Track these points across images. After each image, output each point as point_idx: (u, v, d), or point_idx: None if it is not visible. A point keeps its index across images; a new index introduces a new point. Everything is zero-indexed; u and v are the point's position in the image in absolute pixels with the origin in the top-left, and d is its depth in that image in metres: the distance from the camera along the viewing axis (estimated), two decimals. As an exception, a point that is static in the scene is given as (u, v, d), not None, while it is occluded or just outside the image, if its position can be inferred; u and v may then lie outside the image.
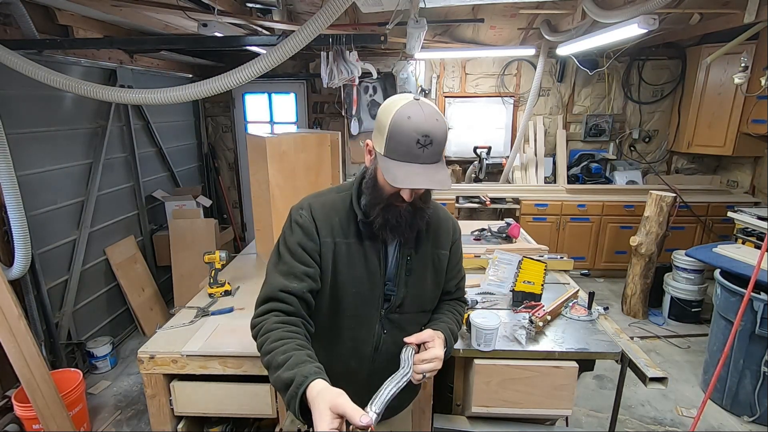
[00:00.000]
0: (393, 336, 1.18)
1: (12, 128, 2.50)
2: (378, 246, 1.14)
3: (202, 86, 2.05)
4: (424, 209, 1.11)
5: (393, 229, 1.08)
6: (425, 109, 0.99)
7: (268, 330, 1.03)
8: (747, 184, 4.55)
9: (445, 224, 1.25)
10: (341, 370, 1.17)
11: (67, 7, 2.67)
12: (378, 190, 1.07)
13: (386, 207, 1.06)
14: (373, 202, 1.08)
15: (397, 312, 1.18)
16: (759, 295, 2.37)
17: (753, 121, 3.94)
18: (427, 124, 0.97)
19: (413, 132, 0.96)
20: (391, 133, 0.98)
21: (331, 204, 1.15)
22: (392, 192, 1.05)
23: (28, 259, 2.46)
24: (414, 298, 1.19)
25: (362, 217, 1.12)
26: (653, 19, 2.55)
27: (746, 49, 3.52)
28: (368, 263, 1.13)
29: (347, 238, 1.13)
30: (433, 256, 1.21)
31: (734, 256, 2.74)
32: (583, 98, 4.93)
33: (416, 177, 0.98)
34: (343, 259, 1.12)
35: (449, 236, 1.25)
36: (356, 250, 1.13)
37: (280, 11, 2.90)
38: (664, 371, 1.66)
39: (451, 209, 4.58)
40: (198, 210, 3.99)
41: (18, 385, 2.32)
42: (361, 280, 1.13)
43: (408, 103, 0.99)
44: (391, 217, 1.06)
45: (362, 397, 1.11)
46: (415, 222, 1.10)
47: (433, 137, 0.98)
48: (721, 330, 2.70)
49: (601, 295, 4.26)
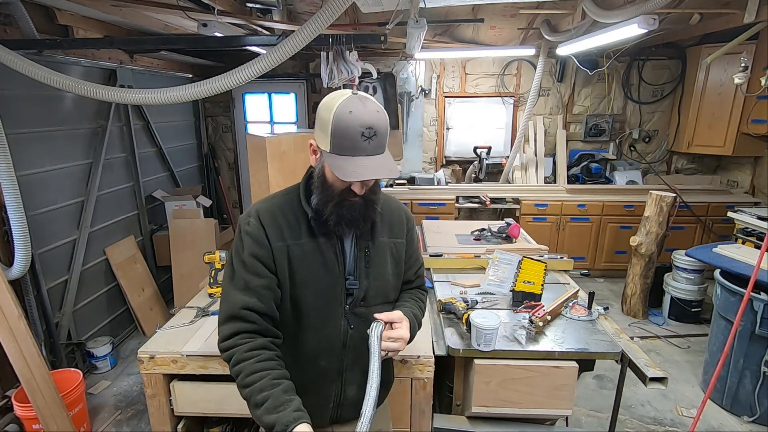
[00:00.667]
0: (360, 331, 1.17)
1: (12, 128, 2.50)
2: (333, 242, 1.14)
3: (202, 86, 2.05)
4: (375, 200, 1.12)
5: (348, 224, 1.09)
6: (365, 102, 1.01)
7: (239, 361, 1.04)
8: (747, 184, 4.55)
9: (397, 214, 1.27)
10: (312, 371, 1.17)
11: (67, 7, 2.67)
12: (328, 188, 1.07)
13: (338, 203, 1.07)
14: (324, 200, 1.08)
15: (362, 305, 1.18)
16: (759, 295, 2.37)
17: (753, 121, 3.94)
18: (370, 117, 0.99)
19: (357, 126, 0.98)
20: (334, 129, 0.99)
21: (278, 207, 1.14)
22: (343, 187, 1.06)
23: (28, 259, 2.46)
24: (377, 290, 1.19)
25: (313, 215, 1.12)
26: (653, 19, 2.55)
27: (746, 49, 3.52)
28: (325, 260, 1.13)
29: (299, 239, 1.12)
30: (390, 246, 1.23)
31: (734, 256, 2.74)
32: (583, 98, 4.94)
33: (365, 169, 0.99)
34: (298, 261, 1.11)
35: (403, 225, 1.27)
36: (311, 249, 1.12)
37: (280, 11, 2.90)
38: (664, 371, 1.66)
39: (452, 209, 4.59)
40: (198, 210, 3.99)
41: (18, 385, 2.32)
42: (320, 278, 1.13)
43: (347, 98, 1.00)
44: (345, 212, 1.07)
45: (336, 396, 1.19)
46: (369, 213, 1.11)
47: (377, 129, 1.00)
48: (721, 330, 2.70)
49: (601, 295, 4.26)
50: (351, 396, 1.21)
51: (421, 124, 5.11)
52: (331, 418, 1.22)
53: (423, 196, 4.64)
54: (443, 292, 2.20)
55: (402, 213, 1.29)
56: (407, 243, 1.28)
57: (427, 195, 4.65)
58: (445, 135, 5.16)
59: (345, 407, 1.22)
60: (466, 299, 2.03)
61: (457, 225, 3.41)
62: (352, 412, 1.21)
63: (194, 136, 5.06)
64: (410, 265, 1.31)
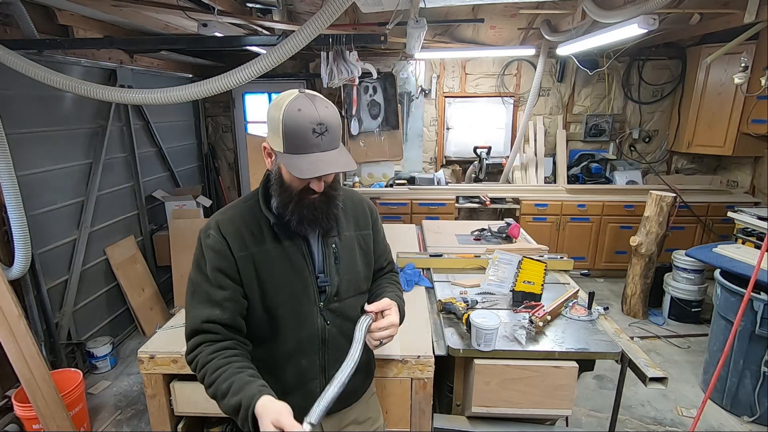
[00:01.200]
0: (338, 326, 1.19)
1: (12, 128, 2.50)
2: (299, 243, 1.14)
3: (202, 86, 2.05)
4: (335, 196, 1.12)
5: (311, 223, 1.09)
6: (313, 99, 1.01)
7: (204, 363, 1.04)
8: (747, 184, 4.55)
9: (360, 206, 1.28)
10: (293, 371, 1.17)
11: (67, 7, 2.67)
12: (286, 189, 1.06)
13: (298, 203, 1.06)
14: (284, 201, 1.07)
15: (335, 301, 1.18)
16: (759, 295, 2.37)
17: (753, 121, 3.94)
18: (319, 113, 0.99)
19: (307, 123, 0.98)
20: (285, 129, 0.98)
21: (239, 216, 1.13)
22: (301, 186, 1.05)
23: (28, 259, 2.46)
24: (349, 284, 1.20)
25: (275, 220, 1.10)
26: (653, 19, 2.55)
27: (746, 49, 3.52)
28: (292, 263, 1.13)
29: (264, 245, 1.11)
30: (357, 238, 1.24)
31: (734, 256, 2.74)
32: (583, 98, 4.94)
33: (321, 164, 0.99)
34: (265, 267, 1.10)
35: (368, 217, 1.28)
36: (277, 255, 1.11)
37: (280, 11, 2.90)
38: (664, 371, 1.66)
39: (452, 209, 4.59)
40: (198, 210, 3.99)
41: (18, 385, 2.32)
42: (289, 282, 1.12)
43: (295, 97, 1.01)
44: (306, 212, 1.07)
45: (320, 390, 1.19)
46: (330, 210, 1.11)
47: (328, 124, 1.00)
48: (721, 330, 2.70)
49: (601, 295, 4.26)
50: None
51: (421, 124, 5.11)
52: None
53: (423, 196, 4.64)
54: (443, 292, 2.20)
55: (365, 205, 1.30)
56: (374, 232, 1.29)
57: (427, 195, 4.65)
58: (445, 135, 5.16)
59: None
60: (466, 299, 2.03)
61: (457, 225, 3.41)
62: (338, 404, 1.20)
63: (194, 136, 5.06)
64: (380, 253, 1.33)
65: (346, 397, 1.22)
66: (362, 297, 1.27)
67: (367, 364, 1.33)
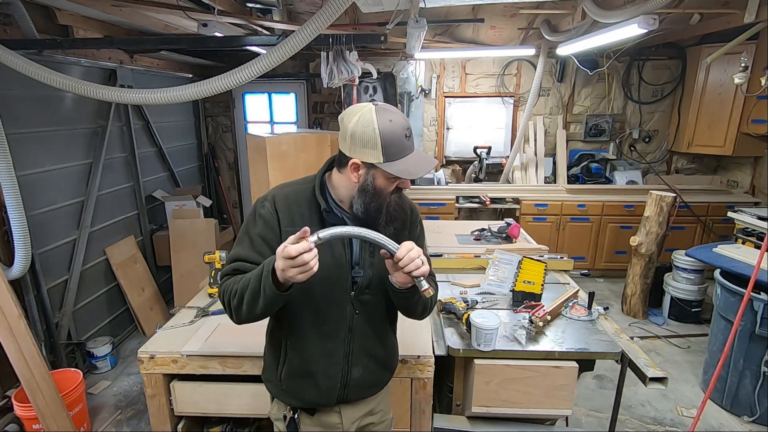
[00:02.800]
0: (365, 316, 1.25)
1: (12, 128, 2.50)
2: None
3: (202, 86, 2.05)
4: (402, 193, 1.22)
5: (394, 220, 1.17)
6: (390, 109, 1.12)
7: (229, 285, 1.16)
8: (747, 184, 4.55)
9: (406, 207, 1.32)
10: (319, 351, 1.24)
11: (67, 7, 2.67)
12: (379, 195, 1.14)
13: (389, 206, 1.16)
14: (377, 206, 1.14)
15: (366, 293, 1.24)
16: (759, 295, 2.37)
17: (753, 121, 3.94)
18: (404, 119, 1.12)
19: (400, 130, 1.09)
20: (385, 140, 1.07)
21: (294, 195, 1.22)
22: (392, 189, 1.15)
23: (28, 259, 2.46)
24: (380, 279, 1.23)
25: (325, 207, 1.18)
26: (653, 19, 2.55)
27: (746, 49, 3.52)
28: (333, 250, 1.19)
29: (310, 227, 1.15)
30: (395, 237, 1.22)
31: (734, 256, 2.74)
32: (583, 98, 4.93)
33: (422, 163, 1.12)
34: None
35: (407, 217, 1.31)
36: None
37: (280, 11, 2.90)
38: (664, 371, 1.66)
39: (452, 209, 4.59)
40: (198, 210, 3.99)
41: (18, 385, 2.32)
42: (327, 267, 1.16)
43: (376, 109, 1.09)
44: (393, 211, 1.16)
45: (343, 377, 1.27)
46: (404, 206, 1.23)
47: (410, 127, 1.13)
48: (721, 330, 2.70)
49: (601, 295, 4.26)
50: (356, 377, 1.28)
51: (421, 124, 5.11)
52: (338, 397, 1.28)
53: (423, 196, 4.64)
54: (443, 292, 2.20)
55: (407, 205, 1.33)
56: (410, 234, 1.31)
57: (427, 195, 4.65)
58: (445, 135, 5.16)
59: (351, 388, 1.28)
60: (466, 299, 2.03)
61: (457, 225, 3.41)
62: (358, 393, 1.31)
63: (194, 136, 5.06)
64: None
65: (368, 387, 1.34)
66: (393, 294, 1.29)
67: (388, 359, 1.37)
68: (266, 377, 1.35)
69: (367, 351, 1.28)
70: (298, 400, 1.29)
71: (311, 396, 1.27)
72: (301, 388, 1.27)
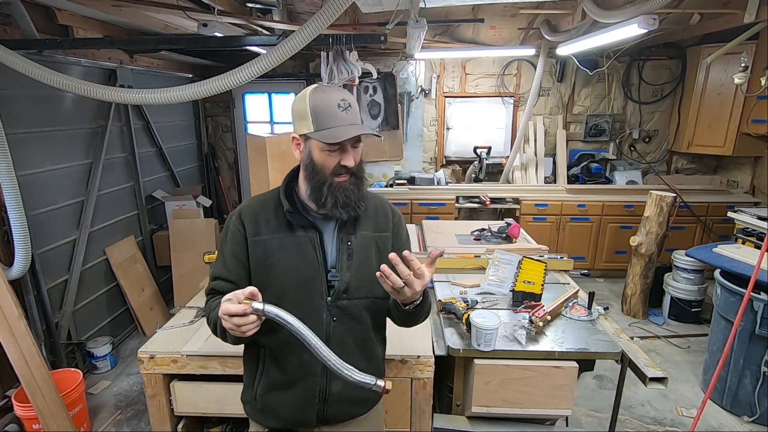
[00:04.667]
0: (344, 324, 1.19)
1: (12, 128, 2.50)
2: (312, 234, 1.18)
3: (202, 86, 2.05)
4: (363, 178, 1.18)
5: (345, 206, 1.13)
6: (331, 86, 1.14)
7: (208, 311, 1.18)
8: (747, 184, 4.55)
9: (382, 209, 1.29)
10: (296, 362, 1.19)
11: (67, 7, 2.67)
12: (318, 171, 1.12)
13: (332, 185, 1.12)
14: (317, 184, 1.12)
15: (344, 298, 1.18)
16: (759, 295, 2.37)
17: (753, 121, 3.94)
18: (339, 93, 1.11)
19: (333, 99, 1.09)
20: (314, 110, 1.09)
21: (260, 204, 1.21)
22: (333, 165, 1.11)
23: (28, 259, 2.46)
24: (360, 282, 1.19)
25: (288, 207, 1.17)
26: (653, 19, 2.55)
27: (746, 49, 3.52)
28: (303, 251, 1.17)
29: (278, 233, 1.17)
30: (375, 239, 1.24)
31: (734, 256, 2.74)
32: (583, 98, 4.93)
33: (351, 129, 1.08)
34: (276, 253, 1.16)
35: (389, 219, 1.28)
36: (289, 242, 1.17)
37: (280, 11, 2.90)
38: (664, 371, 1.66)
39: (452, 209, 4.59)
40: (198, 210, 3.99)
41: (18, 385, 2.32)
42: (298, 270, 1.16)
43: (315, 87, 1.13)
44: (340, 194, 1.12)
45: (321, 391, 1.20)
46: (362, 192, 1.17)
47: (350, 102, 1.11)
48: (721, 330, 2.70)
49: (601, 295, 4.26)
50: (336, 392, 1.20)
51: (421, 124, 5.11)
52: (318, 416, 1.21)
53: (423, 196, 4.64)
54: (443, 292, 2.20)
55: (387, 207, 1.31)
56: (394, 236, 1.27)
57: (427, 195, 4.65)
58: (445, 135, 5.16)
59: (331, 404, 1.21)
60: (466, 299, 2.03)
61: (457, 225, 3.41)
62: (341, 410, 1.24)
63: (194, 136, 5.06)
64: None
65: (352, 404, 1.25)
66: (376, 303, 1.24)
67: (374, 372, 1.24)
68: (244, 398, 1.30)
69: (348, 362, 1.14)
70: (274, 418, 1.23)
71: (288, 412, 1.21)
72: (278, 402, 1.21)
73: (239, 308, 0.94)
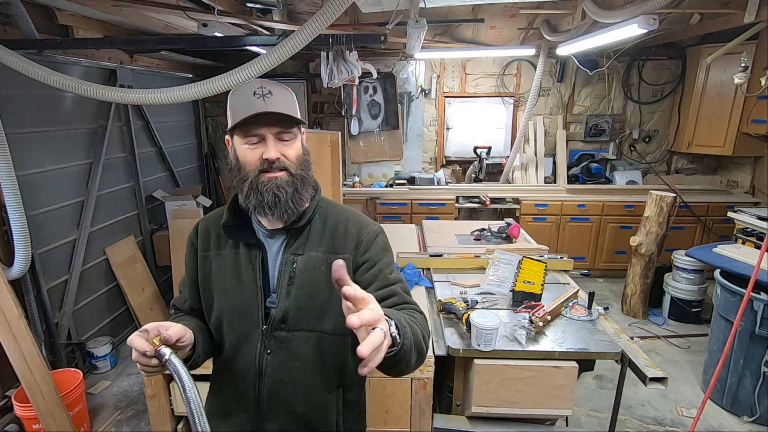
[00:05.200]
0: (280, 359, 1.02)
1: (12, 128, 2.50)
2: (255, 252, 1.03)
3: (202, 86, 2.05)
4: (304, 177, 0.99)
5: (273, 206, 0.95)
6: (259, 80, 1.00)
7: None
8: (747, 184, 4.55)
9: (351, 227, 1.06)
10: (230, 393, 1.08)
11: (67, 7, 2.67)
12: (242, 168, 0.97)
13: (257, 182, 0.95)
14: (241, 183, 0.97)
15: (282, 329, 1.01)
16: (759, 295, 2.37)
17: (753, 121, 3.94)
18: (263, 82, 0.98)
19: (249, 88, 0.96)
20: (232, 103, 0.98)
21: (214, 217, 1.11)
22: (255, 159, 0.95)
23: (28, 259, 2.46)
24: (300, 312, 1.01)
25: (225, 220, 1.04)
26: (653, 19, 2.55)
27: (746, 49, 3.52)
28: (239, 272, 1.03)
29: (223, 249, 1.07)
30: (325, 261, 1.02)
31: (734, 256, 2.74)
32: (583, 98, 4.93)
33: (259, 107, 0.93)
34: (218, 271, 1.06)
35: (353, 240, 1.04)
36: (230, 260, 1.05)
37: (280, 11, 2.90)
38: (664, 371, 1.66)
39: (452, 209, 4.59)
40: (198, 210, 3.99)
41: (18, 385, 2.32)
42: (234, 292, 1.03)
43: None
44: (267, 193, 0.94)
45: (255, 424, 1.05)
46: (298, 192, 0.97)
47: (271, 88, 0.96)
48: (721, 330, 2.70)
49: (601, 295, 4.26)
50: None
51: (421, 124, 5.11)
52: None
53: (423, 196, 4.64)
54: (443, 292, 2.20)
55: (351, 222, 1.07)
56: (359, 261, 1.03)
57: (427, 195, 4.65)
58: (445, 135, 5.16)
59: None
60: (466, 299, 2.03)
61: (457, 225, 3.41)
62: None
63: (194, 136, 5.06)
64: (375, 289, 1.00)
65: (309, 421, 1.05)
66: (325, 339, 1.02)
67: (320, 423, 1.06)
68: None
69: (284, 404, 1.02)
70: None
71: None
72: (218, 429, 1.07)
73: (144, 347, 0.82)
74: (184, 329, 0.90)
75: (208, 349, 1.08)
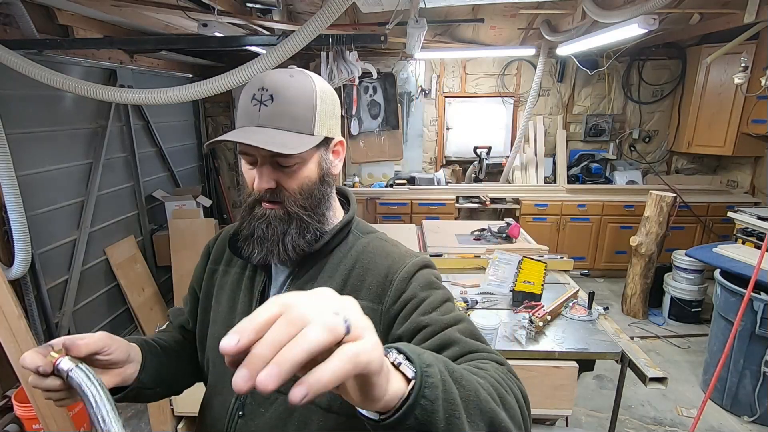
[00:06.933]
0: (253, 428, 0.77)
1: (12, 128, 2.50)
2: (261, 276, 0.85)
3: (202, 86, 2.05)
4: (300, 215, 0.77)
5: (259, 243, 0.77)
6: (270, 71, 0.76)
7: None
8: (747, 184, 4.55)
9: (378, 262, 0.80)
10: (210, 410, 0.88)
11: (67, 7, 2.67)
12: (243, 189, 0.81)
13: (251, 211, 0.78)
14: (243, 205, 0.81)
15: None
16: (759, 295, 2.37)
17: (753, 121, 3.94)
18: (270, 78, 0.73)
19: (249, 90, 0.74)
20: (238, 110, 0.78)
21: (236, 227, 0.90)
22: (251, 184, 0.78)
23: (28, 259, 2.46)
24: None
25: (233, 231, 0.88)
26: (653, 19, 2.55)
27: (746, 49, 3.52)
28: (236, 298, 0.85)
29: (231, 266, 0.91)
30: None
31: (734, 256, 2.74)
32: (583, 98, 4.93)
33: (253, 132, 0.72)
34: (219, 289, 0.90)
35: (378, 280, 0.78)
36: (234, 280, 0.88)
37: (280, 11, 2.90)
38: (664, 371, 1.66)
39: (452, 209, 4.59)
40: (198, 210, 3.99)
41: (18, 385, 2.32)
42: (223, 319, 0.85)
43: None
44: (258, 227, 0.77)
45: None
46: (288, 231, 0.77)
47: (274, 91, 0.72)
48: (721, 330, 2.70)
49: (601, 295, 4.26)
50: None
51: (421, 124, 5.11)
52: None
53: (423, 196, 4.64)
54: (443, 292, 2.20)
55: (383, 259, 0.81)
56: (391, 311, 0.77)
57: (427, 195, 4.65)
58: (445, 135, 5.16)
59: None
60: (466, 299, 2.03)
61: (457, 225, 3.41)
62: None
63: (194, 136, 5.06)
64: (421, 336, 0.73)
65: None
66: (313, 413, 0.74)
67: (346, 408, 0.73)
68: None
69: None
70: None
71: None
72: None
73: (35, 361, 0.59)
74: (111, 339, 0.67)
75: (171, 378, 0.87)
